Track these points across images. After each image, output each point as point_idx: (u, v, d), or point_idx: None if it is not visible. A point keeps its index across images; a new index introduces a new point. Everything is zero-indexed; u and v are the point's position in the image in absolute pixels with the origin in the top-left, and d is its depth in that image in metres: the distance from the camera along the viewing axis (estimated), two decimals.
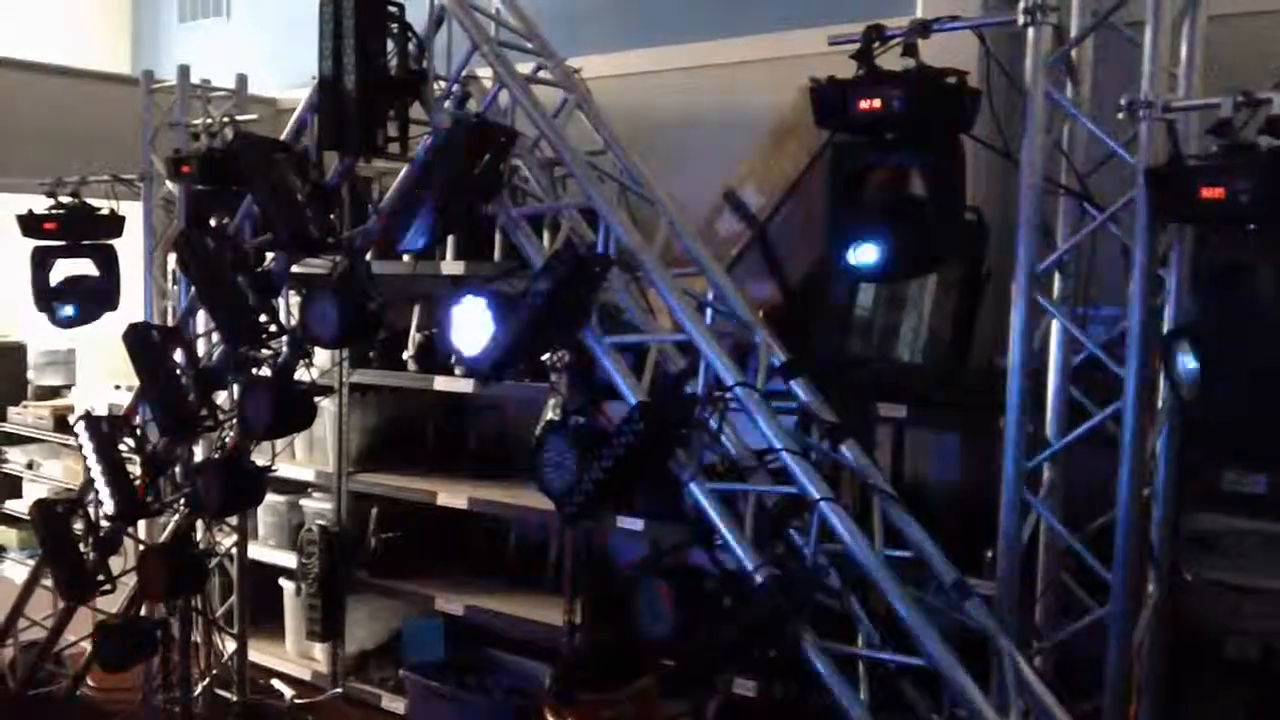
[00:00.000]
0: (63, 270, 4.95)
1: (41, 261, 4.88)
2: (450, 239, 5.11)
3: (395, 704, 5.34)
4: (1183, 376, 2.79)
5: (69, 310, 4.94)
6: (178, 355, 4.25)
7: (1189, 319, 3.12)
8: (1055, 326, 3.29)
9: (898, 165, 2.95)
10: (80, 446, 4.44)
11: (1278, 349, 2.79)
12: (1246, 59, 3.42)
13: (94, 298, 4.93)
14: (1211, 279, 3.15)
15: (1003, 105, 3.14)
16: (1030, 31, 2.97)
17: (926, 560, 3.03)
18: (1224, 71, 3.29)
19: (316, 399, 4.19)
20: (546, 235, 4.24)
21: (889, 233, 2.90)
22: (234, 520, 5.22)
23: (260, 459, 4.38)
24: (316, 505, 5.74)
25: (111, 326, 4.65)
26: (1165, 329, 3.10)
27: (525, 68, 3.66)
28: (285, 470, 5.37)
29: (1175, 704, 3.40)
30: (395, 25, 3.43)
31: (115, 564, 4.63)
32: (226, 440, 4.39)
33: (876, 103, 2.81)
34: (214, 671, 5.36)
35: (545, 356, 4.13)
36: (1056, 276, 3.32)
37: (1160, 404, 3.27)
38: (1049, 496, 3.31)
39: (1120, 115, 2.93)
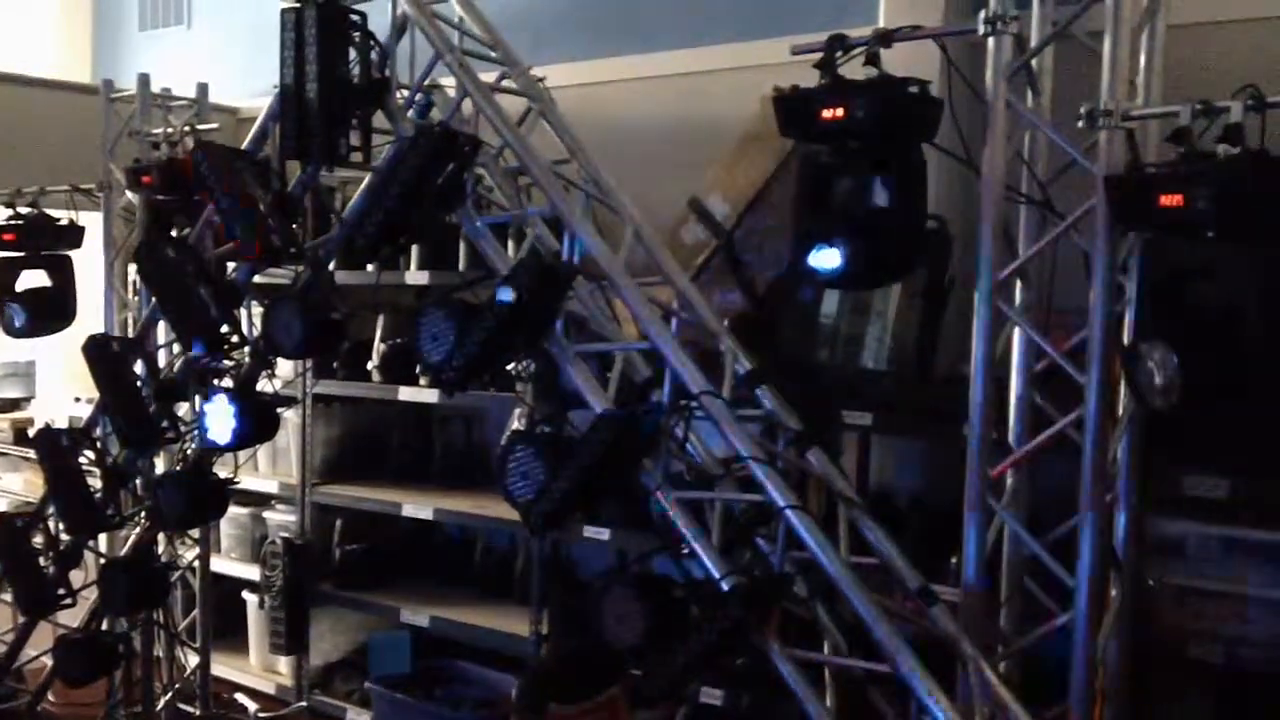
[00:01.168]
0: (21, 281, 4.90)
1: (6, 271, 4.83)
2: (414, 249, 5.09)
3: (361, 717, 5.30)
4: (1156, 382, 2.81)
5: (23, 321, 4.89)
6: (138, 367, 4.21)
7: (1150, 326, 3.14)
8: (1017, 333, 3.31)
9: (860, 174, 2.96)
10: (40, 460, 4.39)
11: (1236, 354, 2.82)
12: (1206, 68, 3.46)
13: (49, 308, 4.88)
14: (1171, 285, 3.18)
15: (965, 114, 3.16)
16: (991, 41, 2.99)
17: (892, 567, 3.04)
18: (1183, 80, 3.32)
19: (279, 410, 4.15)
20: (511, 244, 4.23)
21: (851, 242, 2.91)
22: (196, 533, 5.17)
23: (223, 471, 4.34)
24: (280, 517, 5.70)
25: (71, 338, 4.60)
26: (1125, 335, 3.13)
27: (489, 76, 3.65)
28: (248, 482, 5.33)
29: (1140, 708, 3.42)
30: (357, 33, 3.42)
31: (76, 578, 4.57)
32: (188, 452, 4.35)
33: (839, 112, 2.82)
34: (177, 686, 5.31)
35: (511, 366, 4.12)
36: (1018, 284, 3.34)
37: (1121, 409, 3.30)
38: (1013, 502, 3.33)
39: (1080, 124, 2.96)
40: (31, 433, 4.80)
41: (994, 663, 3.10)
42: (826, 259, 2.92)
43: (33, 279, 4.92)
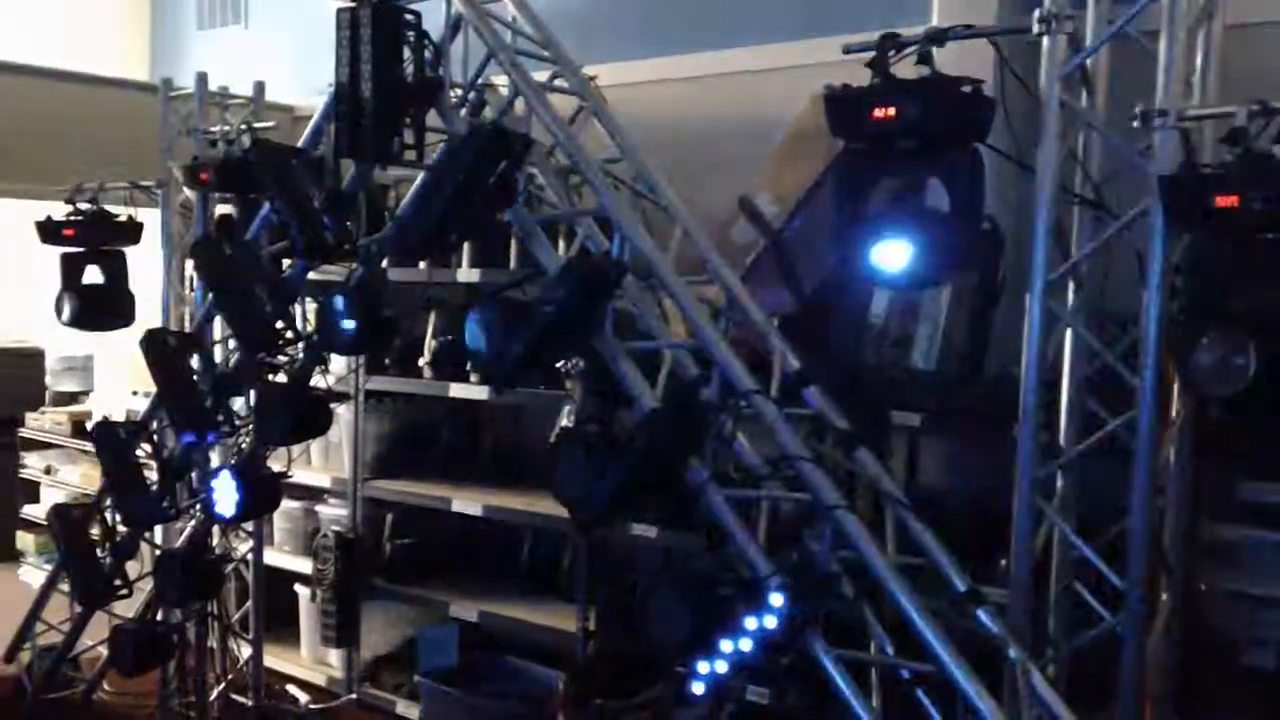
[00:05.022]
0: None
1: (71, 265, 4.92)
2: (466, 246, 5.13)
3: (410, 710, 5.34)
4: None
5: (75, 314, 4.98)
6: (194, 361, 4.27)
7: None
8: (1069, 335, 3.28)
9: (912, 174, 2.95)
10: (98, 452, 4.46)
11: None
12: (1262, 68, 3.42)
13: (103, 304, 4.96)
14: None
15: (1018, 114, 3.14)
16: (1046, 40, 2.98)
17: (940, 568, 3.03)
18: (1239, 80, 3.28)
19: (332, 405, 4.20)
20: (562, 243, 4.25)
21: (910, 240, 2.90)
22: (250, 526, 5.24)
23: (276, 465, 4.40)
24: (332, 511, 5.76)
25: (129, 333, 4.68)
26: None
27: (541, 75, 3.67)
28: (301, 476, 5.39)
29: (1189, 713, 3.39)
30: (412, 33, 3.45)
31: (132, 569, 4.65)
32: (243, 446, 4.41)
33: (891, 111, 2.81)
34: (229, 677, 5.37)
35: (560, 363, 4.14)
36: (1071, 285, 3.31)
37: (1175, 413, 3.27)
38: (1062, 505, 3.31)
39: (1135, 124, 2.94)
40: (89, 426, 4.88)
41: (1041, 665, 3.08)
42: (891, 256, 2.86)
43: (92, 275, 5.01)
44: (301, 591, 5.83)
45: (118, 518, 4.51)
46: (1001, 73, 3.09)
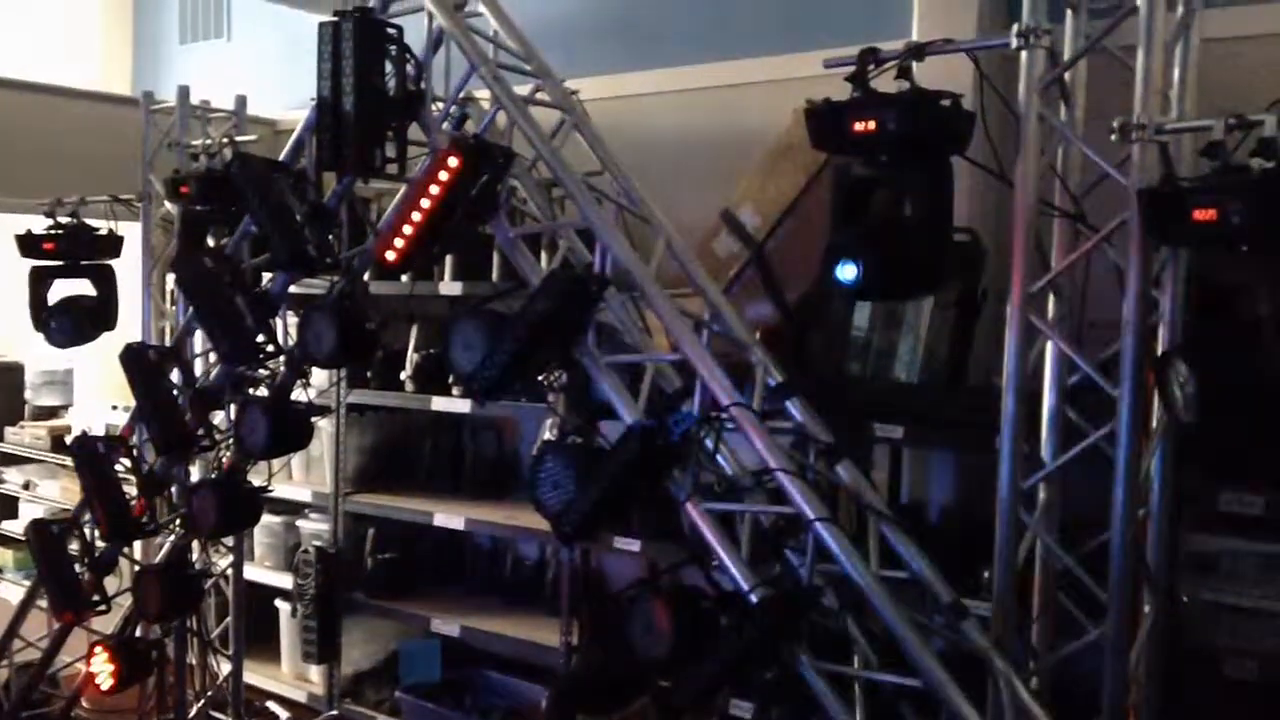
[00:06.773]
0: (61, 290, 4.95)
1: (39, 281, 4.89)
2: (448, 259, 5.13)
3: None
4: (1179, 397, 2.79)
5: (66, 331, 4.95)
6: (175, 375, 4.25)
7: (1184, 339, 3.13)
8: (1050, 347, 3.29)
9: (890, 187, 2.96)
10: (77, 467, 4.43)
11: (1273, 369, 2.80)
12: (1239, 81, 3.44)
13: (92, 318, 4.93)
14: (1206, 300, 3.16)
15: (998, 127, 3.16)
16: (1024, 55, 2.99)
17: (923, 580, 3.03)
18: (1217, 94, 3.30)
19: (314, 419, 4.19)
20: (544, 255, 4.25)
21: (875, 254, 2.92)
22: (230, 541, 5.21)
23: (257, 479, 4.38)
24: (313, 526, 5.74)
25: (109, 346, 4.65)
26: (1160, 349, 3.11)
27: (523, 89, 3.67)
28: (282, 490, 5.37)
29: None
30: (393, 47, 3.45)
31: (111, 584, 4.62)
32: (223, 460, 4.39)
33: (871, 124, 2.83)
34: (209, 693, 5.34)
35: (542, 376, 4.13)
36: (1051, 297, 3.33)
37: (1155, 424, 3.28)
38: (1045, 516, 3.31)
39: (1113, 137, 2.95)
40: (69, 440, 4.85)
41: (1025, 677, 3.08)
42: (847, 272, 2.92)
43: (71, 288, 4.98)
44: (282, 607, 5.80)
45: (96, 532, 4.48)
46: (980, 87, 3.11)
